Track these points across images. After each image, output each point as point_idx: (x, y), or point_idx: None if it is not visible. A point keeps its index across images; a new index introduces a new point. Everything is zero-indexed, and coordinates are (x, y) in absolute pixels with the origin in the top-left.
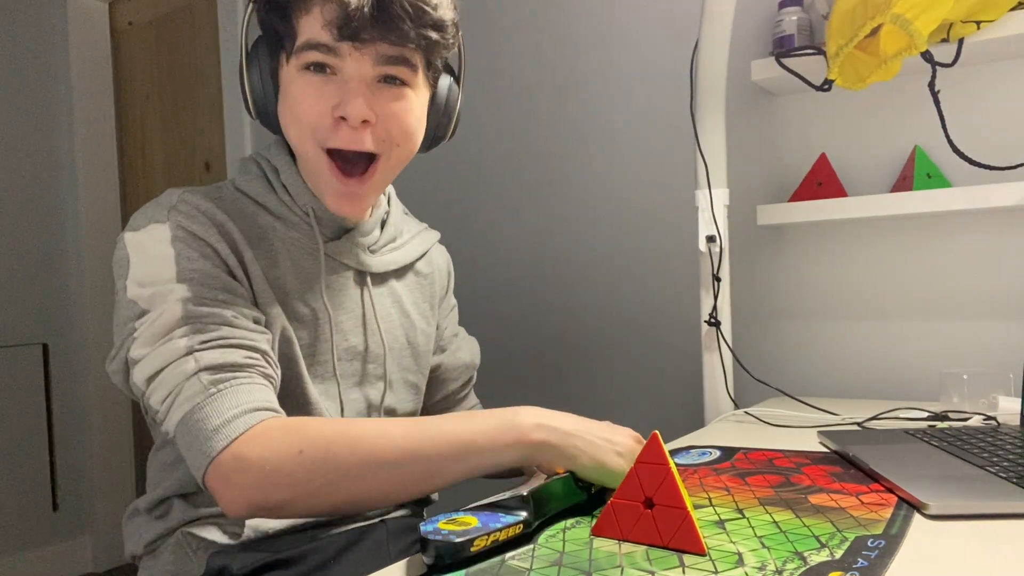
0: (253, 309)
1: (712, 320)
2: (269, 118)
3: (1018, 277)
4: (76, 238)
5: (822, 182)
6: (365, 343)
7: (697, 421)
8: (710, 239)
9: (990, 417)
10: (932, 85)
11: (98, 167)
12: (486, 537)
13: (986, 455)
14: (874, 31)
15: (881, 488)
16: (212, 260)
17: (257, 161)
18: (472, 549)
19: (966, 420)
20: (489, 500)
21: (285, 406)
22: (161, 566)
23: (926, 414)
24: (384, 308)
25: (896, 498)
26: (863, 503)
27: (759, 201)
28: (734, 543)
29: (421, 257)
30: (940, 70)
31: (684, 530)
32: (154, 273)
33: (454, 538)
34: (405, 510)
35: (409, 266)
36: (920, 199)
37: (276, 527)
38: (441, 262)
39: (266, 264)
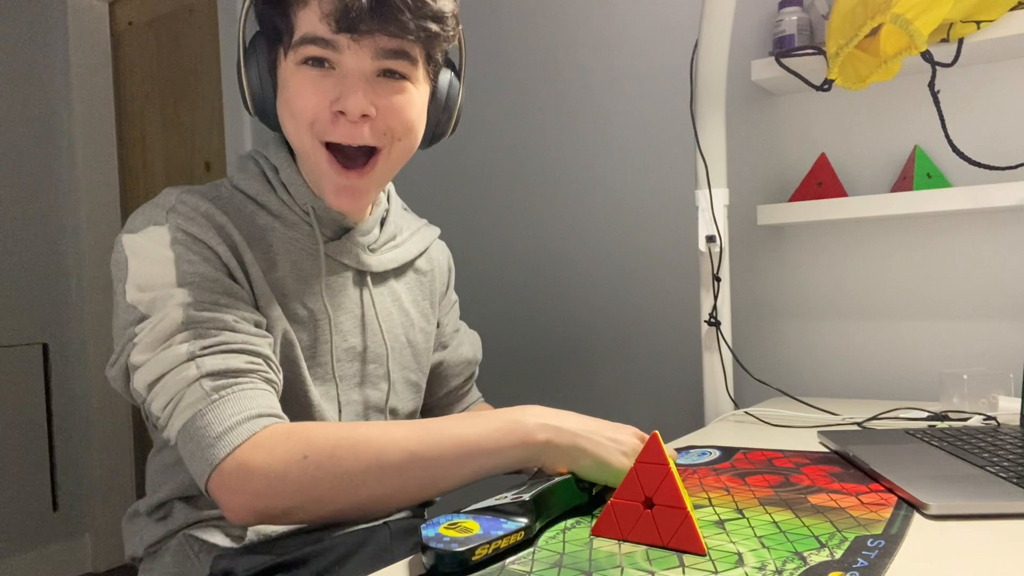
0: (254, 312)
1: (712, 320)
2: (268, 115)
3: (1018, 277)
4: (76, 238)
5: (822, 182)
6: (364, 343)
7: (697, 421)
8: (710, 239)
9: (990, 417)
10: (932, 85)
11: (98, 167)
12: (487, 546)
13: (986, 455)
14: (874, 31)
15: (881, 488)
16: (213, 263)
17: (255, 159)
18: (473, 559)
19: (966, 420)
20: (490, 503)
21: (287, 409)
22: (162, 568)
23: (926, 414)
24: (385, 308)
25: (896, 498)
26: (863, 503)
27: (759, 201)
28: (734, 543)
29: (421, 255)
30: (940, 70)
31: (684, 530)
32: (154, 277)
33: (456, 547)
34: (407, 511)
35: (409, 264)
36: (920, 199)
37: (279, 530)
38: (441, 258)
39: (266, 265)
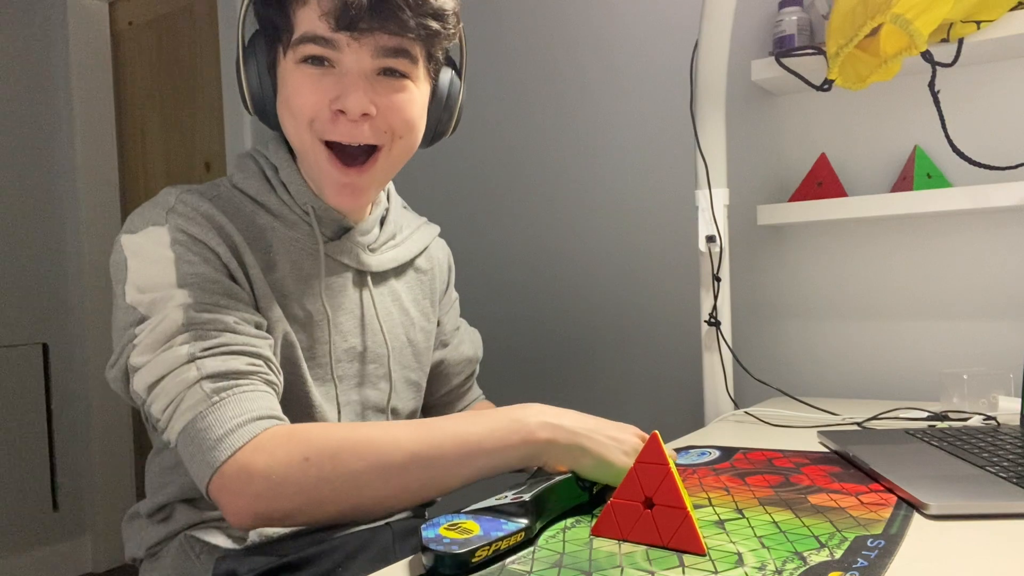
0: (255, 314)
1: (712, 320)
2: (267, 114)
3: (1018, 277)
4: (76, 238)
5: (822, 182)
6: (364, 344)
7: (697, 421)
8: (710, 239)
9: (990, 417)
10: (932, 85)
11: (98, 167)
12: (487, 548)
13: (986, 455)
14: (874, 31)
15: (881, 488)
16: (213, 264)
17: (255, 158)
18: (473, 560)
19: (966, 420)
20: (490, 503)
21: (288, 411)
22: (163, 569)
23: (926, 414)
24: (385, 307)
25: (896, 498)
26: (863, 503)
27: (759, 201)
28: (734, 543)
29: (421, 253)
30: (940, 70)
31: (684, 530)
32: (154, 278)
33: (456, 548)
34: (409, 511)
35: (409, 263)
36: (920, 199)
37: (281, 531)
38: (441, 256)
39: (265, 266)
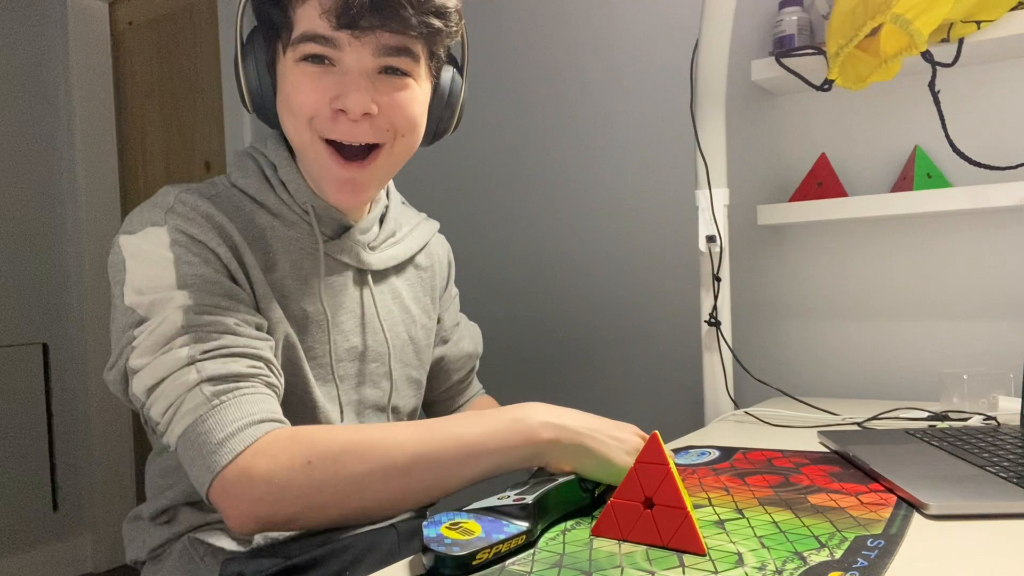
0: (255, 315)
1: (712, 320)
2: (266, 112)
3: (1018, 277)
4: (76, 238)
5: (822, 182)
6: (365, 343)
7: (697, 421)
8: (710, 239)
9: (990, 417)
10: (932, 85)
11: (98, 167)
12: (488, 550)
13: (986, 455)
14: (874, 31)
15: (881, 488)
16: (213, 265)
17: (253, 156)
18: (474, 563)
19: (966, 420)
20: (492, 503)
21: (290, 411)
22: (166, 572)
23: (926, 414)
24: (385, 306)
25: (896, 498)
26: (863, 503)
27: (759, 201)
28: (734, 543)
29: (421, 250)
30: (940, 70)
31: (684, 530)
32: (153, 279)
33: (457, 550)
34: (412, 512)
35: (409, 260)
36: (920, 199)
37: (287, 533)
38: (441, 253)
39: (265, 266)
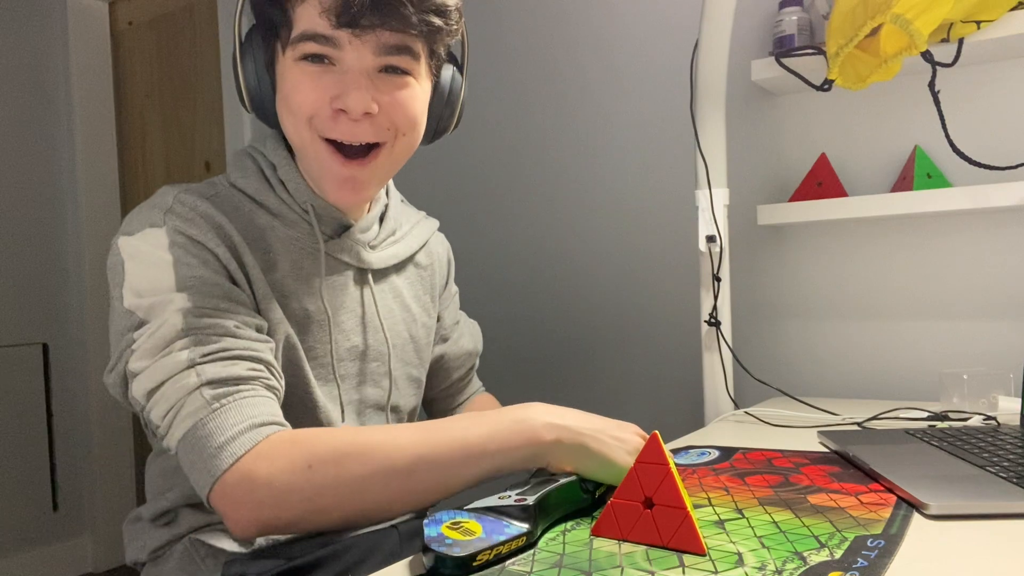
0: (255, 317)
1: (712, 320)
2: (265, 111)
3: (1018, 277)
4: (76, 238)
5: (822, 182)
6: (366, 342)
7: (697, 421)
8: (710, 239)
9: (990, 417)
10: (932, 85)
11: (98, 167)
12: (489, 551)
13: (986, 455)
14: (874, 31)
15: (880, 488)
16: (212, 266)
17: (252, 156)
18: (474, 564)
19: (966, 420)
20: (493, 503)
21: (292, 412)
22: (167, 573)
23: (926, 414)
24: (386, 304)
25: (896, 498)
26: (862, 503)
27: (759, 201)
28: (734, 543)
29: (421, 248)
30: (940, 70)
31: (684, 530)
32: (152, 281)
33: (458, 551)
34: (413, 513)
35: (409, 259)
36: (920, 199)
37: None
38: (441, 251)
39: (265, 266)
